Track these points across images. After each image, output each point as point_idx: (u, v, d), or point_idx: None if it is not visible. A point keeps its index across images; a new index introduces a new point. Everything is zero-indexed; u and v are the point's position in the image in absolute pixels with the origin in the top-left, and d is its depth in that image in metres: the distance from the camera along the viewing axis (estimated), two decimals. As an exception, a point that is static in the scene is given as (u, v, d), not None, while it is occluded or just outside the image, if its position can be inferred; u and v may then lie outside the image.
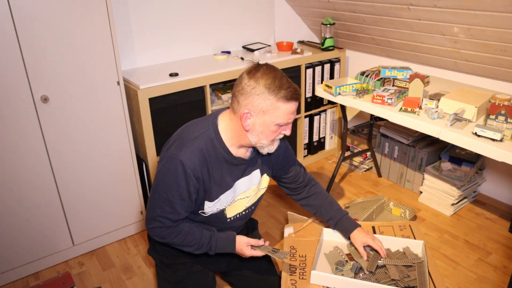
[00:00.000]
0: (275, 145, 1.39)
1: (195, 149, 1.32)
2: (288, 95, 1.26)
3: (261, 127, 1.30)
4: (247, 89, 1.27)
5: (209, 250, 1.47)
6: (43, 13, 1.72)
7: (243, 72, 1.31)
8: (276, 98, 1.26)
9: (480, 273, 2.01)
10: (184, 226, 1.43)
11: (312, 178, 1.72)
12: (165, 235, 1.42)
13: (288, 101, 1.27)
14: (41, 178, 1.94)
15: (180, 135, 1.39)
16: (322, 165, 3.12)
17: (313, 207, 1.69)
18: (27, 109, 1.81)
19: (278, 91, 1.25)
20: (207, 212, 1.45)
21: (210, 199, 1.41)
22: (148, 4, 2.37)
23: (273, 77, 1.26)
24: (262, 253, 1.47)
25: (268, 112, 1.28)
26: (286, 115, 1.29)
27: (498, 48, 2.06)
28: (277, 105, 1.27)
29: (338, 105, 2.99)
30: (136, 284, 2.01)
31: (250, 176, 1.49)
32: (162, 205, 1.37)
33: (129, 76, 2.24)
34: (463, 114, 1.92)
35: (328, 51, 2.90)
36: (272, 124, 1.30)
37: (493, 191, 2.56)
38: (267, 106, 1.27)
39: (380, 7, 2.36)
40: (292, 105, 1.29)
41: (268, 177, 1.58)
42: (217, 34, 2.72)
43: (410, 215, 2.32)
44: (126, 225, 2.31)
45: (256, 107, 1.27)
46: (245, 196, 1.51)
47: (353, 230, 1.58)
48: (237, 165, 1.42)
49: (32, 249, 2.03)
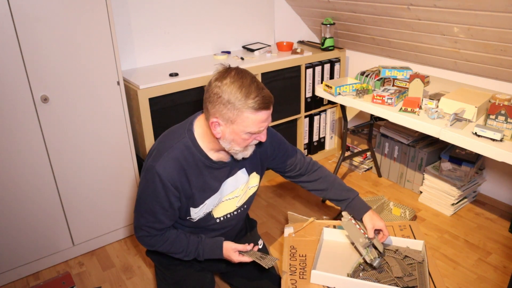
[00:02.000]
0: (250, 150, 1.34)
1: (170, 159, 1.29)
2: (256, 105, 1.19)
3: (231, 135, 1.25)
4: (213, 97, 1.21)
5: (197, 256, 1.46)
6: (43, 13, 1.72)
7: (211, 77, 1.25)
8: (244, 109, 1.19)
9: (480, 273, 2.01)
10: (171, 234, 1.43)
11: (314, 162, 1.66)
12: (153, 243, 1.42)
13: (256, 111, 1.20)
14: (41, 178, 1.94)
15: (158, 144, 1.37)
16: (322, 165, 3.12)
17: (321, 192, 1.65)
18: (27, 109, 1.81)
19: (245, 101, 1.18)
20: (195, 218, 1.45)
21: (195, 205, 1.40)
22: (148, 4, 2.37)
23: (240, 85, 1.18)
24: (250, 259, 1.45)
25: (236, 122, 1.22)
26: (255, 124, 1.22)
27: (498, 48, 2.06)
28: (244, 116, 1.20)
29: (338, 105, 2.98)
30: (136, 284, 2.01)
31: (235, 176, 1.46)
32: (145, 215, 1.37)
33: (129, 76, 2.24)
34: (463, 114, 1.92)
35: (328, 51, 2.90)
36: (243, 133, 1.24)
37: (493, 191, 2.56)
38: (234, 116, 1.20)
39: (380, 7, 2.36)
40: (261, 115, 1.21)
41: (257, 175, 1.54)
42: (217, 34, 2.72)
43: (410, 215, 2.32)
44: (126, 225, 2.31)
45: (223, 116, 1.22)
46: (234, 196, 1.49)
47: (366, 212, 1.57)
48: (219, 169, 1.40)
49: (32, 249, 2.03)
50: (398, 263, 1.50)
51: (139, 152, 2.32)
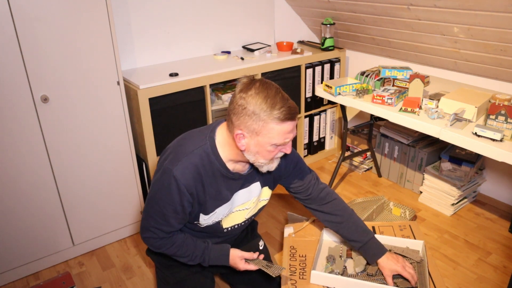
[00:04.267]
0: (275, 163, 1.31)
1: (189, 165, 1.27)
2: (282, 116, 1.17)
3: (256, 148, 1.23)
4: (238, 109, 1.20)
5: (202, 262, 1.45)
6: (43, 13, 1.72)
7: (236, 89, 1.24)
8: (269, 120, 1.18)
9: (480, 273, 2.01)
10: (178, 238, 1.41)
11: (329, 192, 1.56)
12: (159, 246, 1.41)
13: (282, 121, 1.18)
14: (41, 178, 1.94)
15: (176, 147, 1.35)
16: (322, 165, 3.12)
17: (334, 225, 1.54)
18: (27, 109, 1.81)
19: (270, 112, 1.17)
20: (203, 224, 1.44)
21: (205, 212, 1.39)
22: (148, 4, 2.37)
23: (265, 96, 1.17)
24: (256, 267, 1.44)
25: (262, 133, 1.20)
26: (281, 135, 1.21)
27: (498, 48, 2.06)
28: (270, 127, 1.19)
29: (338, 105, 2.99)
30: (136, 284, 2.01)
31: (249, 188, 1.44)
32: (155, 217, 1.35)
33: (129, 76, 2.24)
34: (463, 114, 1.92)
35: (328, 51, 2.90)
36: (268, 145, 1.22)
37: (493, 191, 2.56)
38: (259, 127, 1.19)
39: (380, 7, 2.36)
40: (286, 125, 1.20)
41: (269, 190, 1.52)
42: (217, 34, 2.72)
43: (410, 215, 2.32)
44: (126, 225, 2.31)
45: (248, 128, 1.20)
46: (244, 208, 1.47)
47: (381, 256, 1.45)
48: (234, 180, 1.38)
49: (32, 249, 2.03)
50: None
51: (139, 152, 2.32)
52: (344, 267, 1.51)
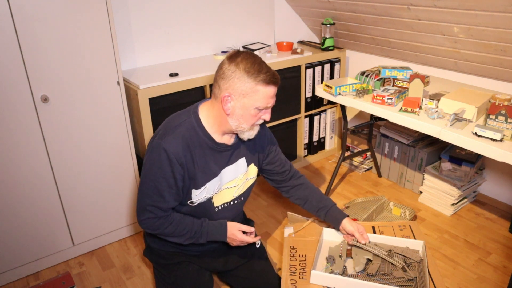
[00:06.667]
0: (255, 130, 1.42)
1: (177, 136, 1.36)
2: (267, 79, 1.30)
3: (241, 111, 1.34)
4: (227, 73, 1.31)
5: (200, 237, 1.48)
6: (43, 13, 1.72)
7: (224, 58, 1.36)
8: (256, 82, 1.30)
9: (480, 273, 2.01)
10: (176, 216, 1.46)
11: (297, 171, 1.75)
12: (157, 226, 1.43)
13: (267, 84, 1.31)
14: (41, 178, 1.94)
15: (163, 126, 1.43)
16: (322, 165, 3.12)
17: (302, 199, 1.71)
18: (27, 109, 1.81)
19: (257, 75, 1.30)
20: (195, 201, 1.47)
21: (196, 186, 1.43)
22: (148, 4, 2.37)
23: (252, 62, 1.30)
24: (253, 240, 1.51)
25: (248, 95, 1.31)
26: (265, 98, 1.33)
27: (498, 48, 2.06)
28: (256, 88, 1.31)
29: (338, 105, 2.99)
30: (136, 284, 2.01)
31: (236, 164, 1.51)
32: (150, 194, 1.39)
33: (129, 76, 2.24)
34: (463, 114, 1.92)
35: (328, 51, 2.90)
36: (252, 108, 1.33)
37: (493, 191, 2.56)
38: (246, 89, 1.31)
39: (380, 7, 2.36)
40: (271, 89, 1.33)
41: (255, 167, 1.60)
42: (217, 34, 2.72)
43: (410, 215, 2.32)
44: (126, 225, 2.31)
45: (236, 90, 1.31)
46: (232, 185, 1.53)
47: (342, 220, 1.63)
48: (221, 152, 1.45)
49: (32, 249, 2.03)
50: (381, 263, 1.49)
51: (139, 152, 2.32)
52: (344, 267, 1.51)
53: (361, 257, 1.52)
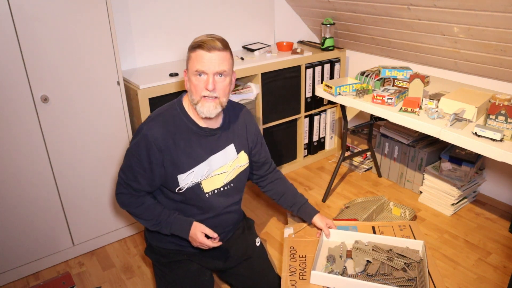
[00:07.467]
0: (206, 106, 1.43)
1: (158, 121, 1.44)
2: (194, 45, 1.40)
3: (189, 83, 1.43)
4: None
5: (165, 227, 1.52)
6: (43, 13, 1.72)
7: None
8: (189, 51, 1.43)
9: (480, 273, 2.01)
10: (147, 200, 1.52)
11: (275, 166, 1.84)
12: (128, 203, 1.52)
13: (194, 49, 1.40)
14: (41, 178, 1.94)
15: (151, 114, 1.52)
16: (322, 165, 3.12)
17: (279, 194, 1.79)
18: (27, 109, 1.81)
19: (191, 45, 1.43)
20: (183, 187, 1.49)
21: (181, 171, 1.47)
22: (148, 4, 2.37)
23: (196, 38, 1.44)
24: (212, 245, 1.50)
25: (188, 65, 1.43)
26: (196, 61, 1.39)
27: (498, 48, 2.06)
28: (189, 55, 1.42)
29: (338, 105, 2.99)
30: (136, 284, 2.01)
31: (225, 150, 1.55)
32: (126, 171, 1.49)
33: (129, 76, 2.24)
34: (463, 114, 1.92)
35: (328, 51, 2.90)
36: (192, 75, 1.41)
37: (493, 191, 2.56)
38: (187, 60, 1.44)
39: (380, 7, 2.36)
40: (199, 52, 1.39)
41: (246, 154, 1.64)
42: (217, 34, 2.71)
43: (410, 215, 2.32)
44: (126, 225, 2.31)
45: (186, 67, 1.45)
46: (222, 172, 1.56)
47: (314, 215, 1.73)
48: (206, 137, 1.50)
49: (32, 249, 2.03)
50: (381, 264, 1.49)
51: (139, 152, 2.32)
52: (344, 267, 1.51)
53: (361, 259, 1.52)
